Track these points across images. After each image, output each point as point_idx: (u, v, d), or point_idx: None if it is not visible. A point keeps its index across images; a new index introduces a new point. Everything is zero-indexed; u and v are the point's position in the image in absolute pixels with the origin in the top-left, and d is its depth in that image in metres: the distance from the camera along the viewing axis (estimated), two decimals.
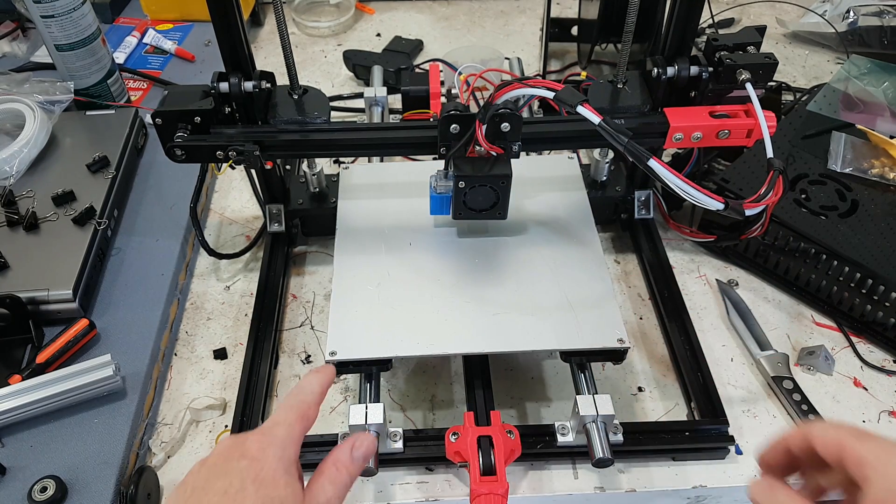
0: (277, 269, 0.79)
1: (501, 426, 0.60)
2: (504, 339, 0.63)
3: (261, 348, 0.71)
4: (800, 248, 0.75)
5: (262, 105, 0.69)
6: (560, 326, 0.64)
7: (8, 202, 0.78)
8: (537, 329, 0.64)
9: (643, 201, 0.82)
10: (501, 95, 0.60)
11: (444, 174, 0.67)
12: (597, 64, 1.07)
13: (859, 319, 0.74)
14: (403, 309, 0.66)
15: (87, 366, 0.66)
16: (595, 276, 0.68)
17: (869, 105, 0.88)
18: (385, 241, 0.72)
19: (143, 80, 1.06)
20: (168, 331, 0.75)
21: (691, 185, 0.56)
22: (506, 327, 0.64)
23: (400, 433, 0.62)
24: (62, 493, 0.59)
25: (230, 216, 0.89)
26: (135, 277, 0.78)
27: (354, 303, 0.66)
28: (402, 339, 0.63)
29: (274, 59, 1.14)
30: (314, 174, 0.78)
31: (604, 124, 0.56)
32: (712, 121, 0.66)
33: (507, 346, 0.63)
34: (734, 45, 0.66)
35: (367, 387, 0.63)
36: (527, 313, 0.65)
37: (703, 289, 0.80)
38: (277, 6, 0.64)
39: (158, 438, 0.67)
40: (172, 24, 1.17)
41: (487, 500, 0.55)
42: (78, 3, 0.87)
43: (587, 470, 0.64)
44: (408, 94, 0.86)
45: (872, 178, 0.79)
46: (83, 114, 0.92)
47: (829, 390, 0.70)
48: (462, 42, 1.17)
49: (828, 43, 1.13)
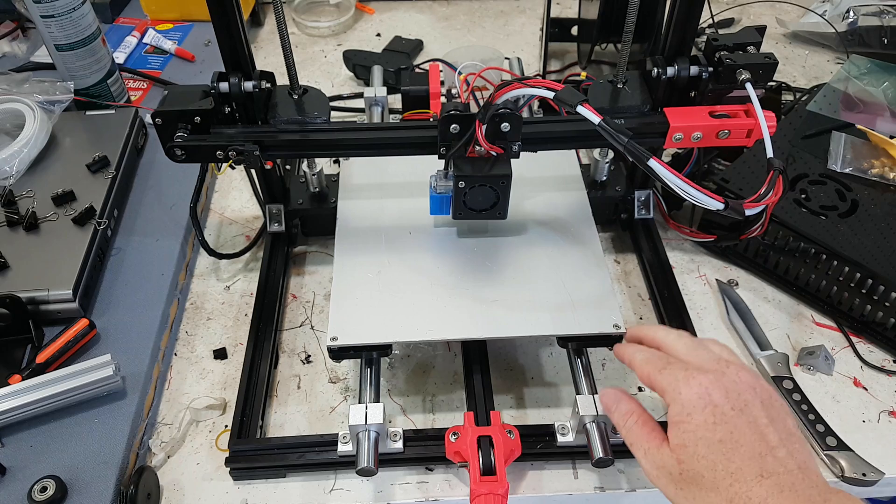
0: (277, 269, 0.79)
1: (501, 426, 0.60)
2: (502, 326, 0.64)
3: (261, 348, 0.71)
4: (800, 248, 0.75)
5: (262, 105, 0.69)
6: (557, 313, 0.65)
7: (8, 202, 0.78)
8: (535, 316, 0.65)
9: (643, 201, 0.82)
10: (501, 95, 0.60)
11: (444, 174, 0.67)
12: (597, 64, 1.07)
13: (859, 319, 0.74)
14: (403, 296, 0.67)
15: (87, 366, 0.66)
16: (594, 273, 0.68)
17: (869, 105, 0.88)
18: (385, 241, 0.72)
19: (143, 80, 1.06)
20: (168, 331, 0.75)
21: (691, 185, 0.56)
22: (504, 314, 0.65)
23: (400, 433, 0.62)
24: (62, 493, 0.59)
25: (230, 216, 0.89)
26: (135, 277, 0.78)
27: (355, 291, 0.67)
28: (401, 325, 0.64)
29: (274, 59, 1.14)
30: (314, 174, 0.78)
31: (604, 124, 0.56)
32: (712, 121, 0.66)
33: (505, 331, 0.64)
34: (734, 45, 0.66)
35: (367, 372, 0.64)
36: (525, 301, 0.66)
37: (703, 289, 0.80)
38: (277, 6, 0.64)
39: (158, 438, 0.67)
40: (172, 24, 1.17)
41: (487, 500, 0.55)
42: (78, 3, 0.87)
43: (587, 470, 0.64)
44: (408, 94, 0.86)
45: (872, 178, 0.79)
46: (83, 114, 0.92)
47: (829, 390, 0.70)
48: (462, 42, 1.17)
49: (828, 43, 1.13)
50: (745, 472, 0.44)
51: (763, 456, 0.45)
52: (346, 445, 0.60)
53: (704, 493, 0.45)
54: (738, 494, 0.44)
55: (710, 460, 0.45)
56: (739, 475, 0.44)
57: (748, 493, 0.43)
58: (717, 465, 0.45)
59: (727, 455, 0.45)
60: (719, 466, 0.45)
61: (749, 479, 0.44)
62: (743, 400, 0.47)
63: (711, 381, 0.48)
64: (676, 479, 0.47)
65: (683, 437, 0.47)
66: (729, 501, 0.44)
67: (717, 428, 0.46)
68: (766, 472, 0.44)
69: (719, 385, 0.47)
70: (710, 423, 0.46)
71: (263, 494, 0.63)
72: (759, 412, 0.47)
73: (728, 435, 0.45)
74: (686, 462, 0.46)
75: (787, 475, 0.44)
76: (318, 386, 0.71)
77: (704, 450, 0.46)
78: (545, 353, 0.73)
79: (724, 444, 0.45)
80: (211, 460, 0.65)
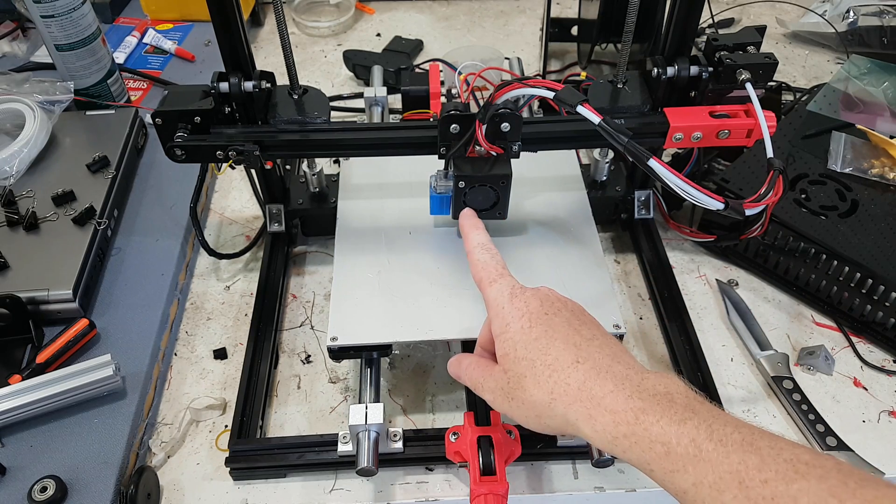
0: (277, 269, 0.79)
1: (501, 426, 0.60)
2: None
3: (261, 348, 0.71)
4: (800, 248, 0.75)
5: (262, 105, 0.69)
6: None
7: (8, 202, 0.78)
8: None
9: (643, 201, 0.82)
10: (501, 95, 0.60)
11: (444, 174, 0.67)
12: (597, 64, 1.07)
13: (859, 319, 0.74)
14: (403, 296, 0.66)
15: (87, 366, 0.66)
16: (594, 273, 0.68)
17: (869, 105, 0.88)
18: (385, 241, 0.72)
19: (143, 80, 1.06)
20: (168, 331, 0.75)
21: (691, 184, 0.56)
22: None
23: (400, 433, 0.62)
24: (62, 493, 0.59)
25: (230, 216, 0.89)
26: (135, 277, 0.78)
27: (355, 291, 0.67)
28: (401, 325, 0.64)
29: (274, 59, 1.14)
30: (314, 174, 0.78)
31: (604, 124, 0.56)
32: (712, 121, 0.66)
33: None
34: (734, 45, 0.66)
35: (367, 372, 0.64)
36: None
37: (703, 289, 0.80)
38: (277, 6, 0.64)
39: (158, 438, 0.67)
40: (172, 24, 1.17)
41: (487, 500, 0.55)
42: (78, 3, 0.87)
43: (587, 470, 0.64)
44: (408, 94, 0.86)
45: (872, 178, 0.79)
46: (83, 114, 0.92)
47: (829, 390, 0.70)
48: (462, 42, 1.17)
49: (828, 43, 1.13)
50: (562, 361, 0.46)
51: (578, 345, 0.47)
52: (346, 445, 0.60)
53: (529, 393, 0.47)
54: (557, 384, 0.45)
55: (529, 360, 0.47)
56: (557, 365, 0.46)
57: (566, 381, 0.45)
58: (536, 362, 0.47)
59: (543, 350, 0.47)
60: (538, 362, 0.47)
61: (566, 367, 0.46)
62: (556, 307, 0.50)
63: (530, 295, 0.51)
64: (507, 391, 0.49)
65: (505, 346, 0.49)
66: (550, 392, 0.46)
67: (533, 329, 0.49)
68: (582, 358, 0.46)
69: (536, 296, 0.51)
70: (526, 327, 0.49)
71: (263, 494, 0.63)
72: (572, 316, 0.50)
73: (543, 332, 0.48)
74: (511, 370, 0.48)
75: (603, 359, 0.46)
76: (318, 386, 0.71)
77: (523, 351, 0.48)
78: None
79: (539, 341, 0.48)
80: (211, 460, 0.65)
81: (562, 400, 0.45)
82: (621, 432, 0.42)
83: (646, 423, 0.41)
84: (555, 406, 0.45)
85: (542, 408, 0.46)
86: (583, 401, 0.44)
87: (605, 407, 0.43)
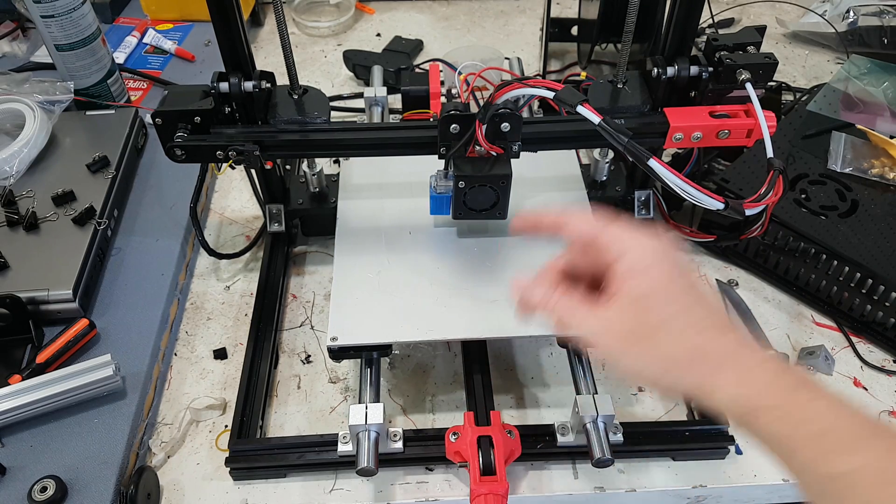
0: (277, 269, 0.79)
1: (501, 426, 0.60)
2: (502, 326, 0.64)
3: (261, 348, 0.71)
4: (800, 248, 0.75)
5: (262, 105, 0.69)
6: None
7: (8, 202, 0.78)
8: (534, 316, 0.64)
9: (643, 201, 0.82)
10: (501, 95, 0.60)
11: (444, 174, 0.67)
12: (597, 64, 1.07)
13: (859, 319, 0.74)
14: (403, 296, 0.67)
15: (87, 366, 0.66)
16: None
17: (869, 105, 0.88)
18: (385, 241, 0.72)
19: (143, 80, 1.06)
20: (168, 331, 0.75)
21: (691, 185, 0.56)
22: (504, 314, 0.65)
23: (400, 433, 0.62)
24: (62, 493, 0.59)
25: (230, 216, 0.89)
26: (135, 277, 0.78)
27: (355, 291, 0.67)
28: (401, 325, 0.64)
29: (274, 59, 1.14)
30: (314, 174, 0.78)
31: (604, 124, 0.56)
32: (712, 121, 0.66)
33: (505, 331, 0.64)
34: (734, 45, 0.66)
35: (367, 372, 0.64)
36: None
37: (704, 289, 0.80)
38: (277, 6, 0.64)
39: (158, 438, 0.67)
40: (172, 24, 1.16)
41: (487, 500, 0.55)
42: (78, 3, 0.87)
43: (587, 470, 0.64)
44: (408, 94, 0.86)
45: (872, 178, 0.79)
46: (83, 114, 0.92)
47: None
48: (462, 42, 1.17)
49: (828, 43, 1.13)
50: (708, 322, 0.44)
51: (720, 312, 0.45)
52: (346, 445, 0.60)
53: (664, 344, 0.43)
54: (706, 342, 0.43)
55: (672, 311, 0.44)
56: (702, 325, 0.44)
57: (715, 343, 0.43)
58: (680, 315, 0.44)
59: (689, 306, 0.44)
60: (682, 316, 0.44)
61: (717, 329, 0.44)
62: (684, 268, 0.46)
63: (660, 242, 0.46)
64: (638, 334, 0.44)
65: (641, 286, 0.44)
66: (694, 350, 0.43)
67: (680, 280, 0.45)
68: (727, 329, 0.44)
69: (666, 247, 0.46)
70: (675, 276, 0.45)
71: (263, 494, 0.63)
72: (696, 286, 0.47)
73: (689, 286, 0.45)
74: (649, 310, 0.44)
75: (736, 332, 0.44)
76: (318, 386, 0.71)
77: (667, 297, 0.44)
78: (545, 353, 0.73)
79: (688, 295, 0.44)
80: (211, 460, 0.65)
81: (708, 361, 0.43)
82: (767, 403, 0.40)
83: (800, 400, 0.40)
84: (695, 366, 0.43)
85: (675, 363, 0.43)
86: (734, 368, 0.42)
87: (756, 377, 0.41)
